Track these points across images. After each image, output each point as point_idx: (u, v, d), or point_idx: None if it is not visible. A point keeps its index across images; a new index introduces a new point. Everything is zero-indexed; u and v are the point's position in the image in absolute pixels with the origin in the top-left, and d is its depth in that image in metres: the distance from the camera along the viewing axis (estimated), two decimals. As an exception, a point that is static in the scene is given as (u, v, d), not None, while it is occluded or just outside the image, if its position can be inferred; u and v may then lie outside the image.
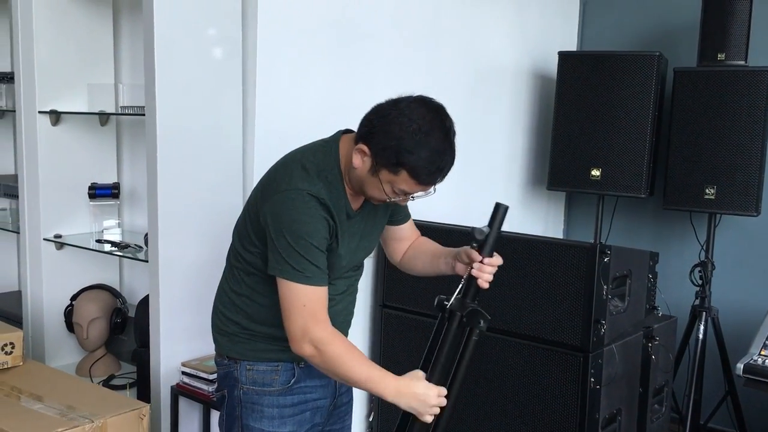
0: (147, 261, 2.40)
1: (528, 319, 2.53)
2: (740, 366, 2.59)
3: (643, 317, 2.77)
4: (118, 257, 2.81)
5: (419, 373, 1.62)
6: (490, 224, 1.69)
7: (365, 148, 1.58)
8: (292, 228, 1.56)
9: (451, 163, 1.60)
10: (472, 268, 1.67)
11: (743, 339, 2.91)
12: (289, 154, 1.72)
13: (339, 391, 1.83)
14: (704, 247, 3.43)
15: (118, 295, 2.84)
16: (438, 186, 1.63)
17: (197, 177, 2.42)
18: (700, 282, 3.36)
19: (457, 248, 1.78)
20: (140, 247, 2.57)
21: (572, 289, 2.43)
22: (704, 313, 3.33)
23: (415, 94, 1.61)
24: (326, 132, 1.78)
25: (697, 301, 3.38)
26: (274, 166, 1.71)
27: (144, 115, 2.34)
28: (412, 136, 1.52)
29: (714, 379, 3.45)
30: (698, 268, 3.38)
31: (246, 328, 1.70)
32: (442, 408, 1.61)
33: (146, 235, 2.44)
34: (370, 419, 3.05)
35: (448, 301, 1.67)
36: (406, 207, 1.88)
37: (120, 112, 2.70)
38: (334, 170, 1.65)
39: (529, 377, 2.54)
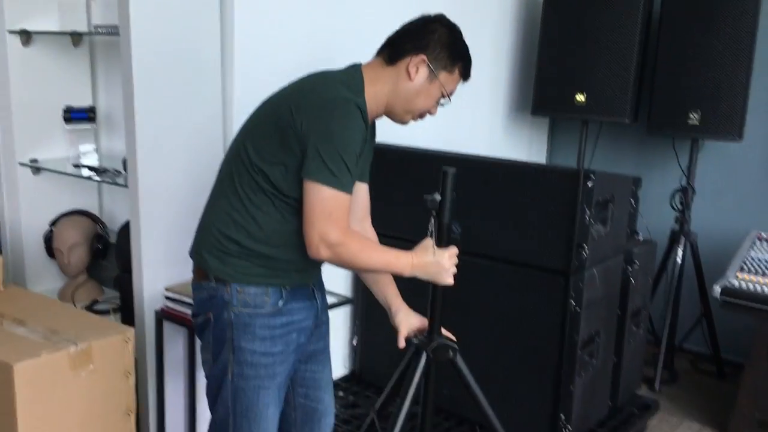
0: (126, 186, 2.36)
1: (511, 243, 2.55)
2: (717, 288, 2.63)
3: (624, 242, 2.79)
4: (96, 182, 2.77)
5: (427, 242, 1.75)
6: (441, 192, 1.73)
7: (424, 57, 1.73)
8: (343, 135, 1.61)
9: None
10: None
11: (721, 264, 2.96)
12: (318, 73, 1.76)
13: (319, 311, 1.88)
14: (686, 173, 3.45)
15: (98, 220, 2.81)
16: None
17: (175, 100, 2.36)
18: (680, 207, 3.40)
19: (394, 308, 1.92)
20: (119, 172, 2.52)
21: (555, 213, 2.43)
22: (683, 237, 3.38)
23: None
24: (312, 60, 1.74)
25: (677, 226, 3.42)
26: (305, 79, 1.74)
27: (118, 35, 2.26)
28: (457, 40, 1.80)
29: (690, 303, 3.52)
30: (679, 194, 3.41)
31: (244, 247, 1.69)
32: None
33: (124, 159, 2.39)
34: (354, 342, 3.10)
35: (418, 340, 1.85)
36: (368, 168, 1.93)
37: (93, 31, 2.60)
38: (363, 94, 1.72)
39: (511, 301, 2.57)
